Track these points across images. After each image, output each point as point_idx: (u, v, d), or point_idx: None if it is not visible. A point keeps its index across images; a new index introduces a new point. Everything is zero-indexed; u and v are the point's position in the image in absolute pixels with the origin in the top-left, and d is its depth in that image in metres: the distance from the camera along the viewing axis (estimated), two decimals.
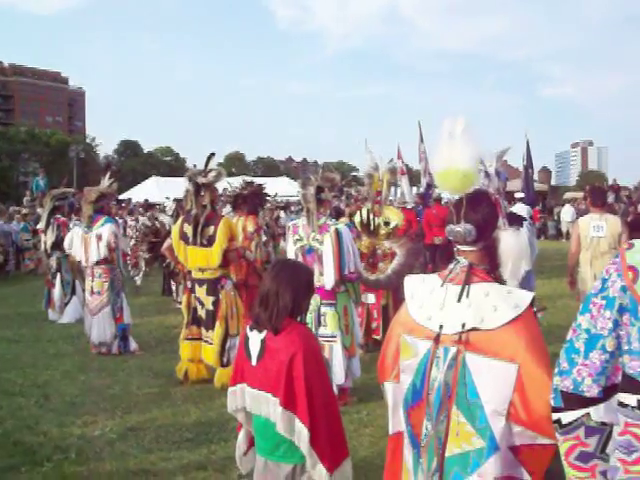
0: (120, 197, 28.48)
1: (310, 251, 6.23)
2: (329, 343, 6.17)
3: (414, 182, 17.55)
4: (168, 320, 10.59)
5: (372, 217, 7.56)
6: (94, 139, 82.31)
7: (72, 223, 11.55)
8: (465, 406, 2.27)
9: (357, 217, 8.16)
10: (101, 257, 8.48)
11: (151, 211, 16.86)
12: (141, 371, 7.64)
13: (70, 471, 4.93)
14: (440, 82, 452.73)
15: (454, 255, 2.54)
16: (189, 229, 6.90)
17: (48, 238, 11.06)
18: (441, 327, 2.36)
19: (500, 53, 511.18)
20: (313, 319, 6.17)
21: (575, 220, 10.18)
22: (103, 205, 8.80)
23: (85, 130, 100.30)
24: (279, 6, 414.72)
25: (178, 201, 13.81)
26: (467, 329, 2.29)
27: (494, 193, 2.54)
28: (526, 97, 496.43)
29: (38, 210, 17.33)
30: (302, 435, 2.93)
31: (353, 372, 6.33)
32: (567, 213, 27.83)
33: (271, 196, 11.10)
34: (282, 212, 21.70)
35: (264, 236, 8.98)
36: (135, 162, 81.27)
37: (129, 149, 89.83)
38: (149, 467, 4.97)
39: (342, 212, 11.16)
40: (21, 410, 6.31)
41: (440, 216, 13.80)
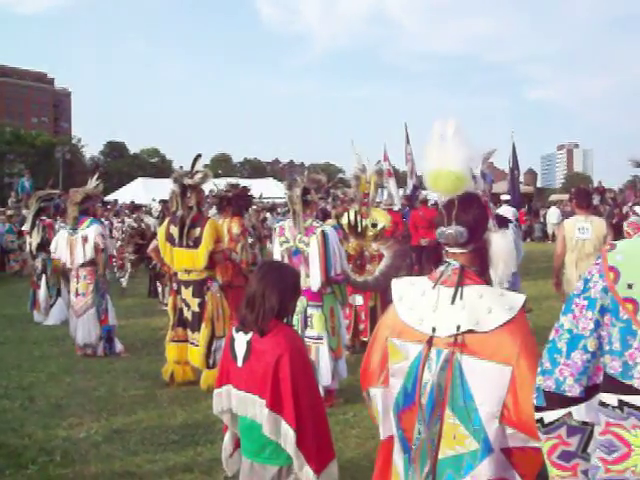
0: (106, 198, 28.42)
1: (296, 253, 6.23)
2: (315, 344, 6.17)
3: (400, 184, 17.58)
4: (154, 322, 10.56)
5: (359, 219, 7.58)
6: (80, 140, 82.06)
7: (57, 225, 11.52)
8: (458, 408, 2.26)
9: (344, 219, 8.17)
10: (87, 259, 8.44)
11: (137, 213, 16.81)
12: (127, 373, 7.61)
13: (55, 474, 4.90)
14: (426, 83, 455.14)
15: (442, 257, 2.52)
16: (175, 230, 6.89)
17: (33, 239, 11.00)
18: (434, 329, 2.34)
19: (486, 55, 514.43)
20: (300, 321, 6.17)
21: (561, 222, 10.24)
22: (88, 206, 8.75)
23: (71, 131, 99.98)
24: (264, 5, 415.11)
25: (164, 202, 13.80)
26: (462, 331, 2.28)
27: (483, 195, 2.53)
28: (512, 99, 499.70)
29: (23, 211, 17.26)
30: (288, 437, 2.93)
31: (339, 373, 6.34)
32: (553, 215, 27.99)
33: (256, 198, 11.07)
34: (268, 214, 21.65)
35: (250, 238, 8.98)
36: (121, 163, 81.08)
37: (115, 150, 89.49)
38: (135, 469, 4.95)
39: (329, 214, 11.16)
40: (5, 413, 6.27)
41: (426, 218, 13.83)
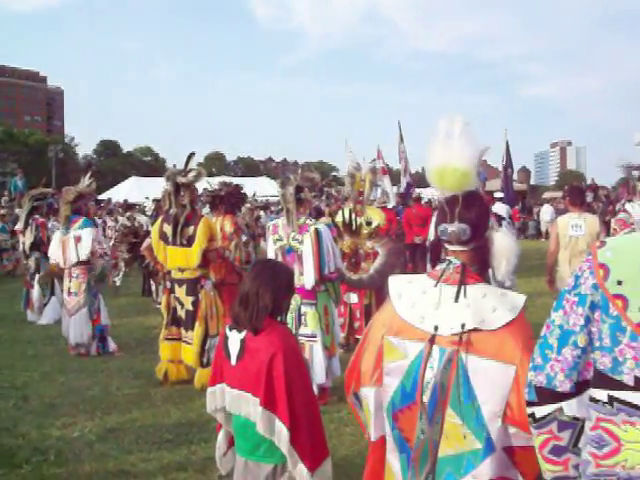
0: (99, 197, 28.35)
1: (290, 251, 6.23)
2: (309, 343, 6.18)
3: (393, 182, 17.61)
4: (148, 321, 10.55)
5: (354, 217, 7.58)
6: (73, 139, 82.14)
7: (50, 223, 11.49)
8: (460, 407, 2.25)
9: (339, 217, 8.17)
10: (80, 259, 8.43)
11: (130, 211, 16.79)
12: (121, 372, 7.60)
13: (49, 473, 4.89)
14: (419, 82, 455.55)
15: (440, 255, 2.51)
16: (168, 229, 6.88)
17: (27, 239, 10.97)
18: (436, 328, 2.32)
19: (479, 53, 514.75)
20: (293, 319, 6.18)
21: (554, 219, 10.26)
22: (81, 205, 8.72)
23: (64, 130, 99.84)
24: (258, 4, 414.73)
25: (157, 201, 13.79)
26: (467, 329, 2.26)
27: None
28: (505, 97, 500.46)
29: (16, 211, 17.19)
30: (282, 435, 2.94)
31: (333, 371, 6.35)
32: (546, 213, 28.08)
33: (250, 196, 11.08)
34: (262, 212, 21.65)
35: (244, 236, 8.98)
36: (114, 162, 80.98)
37: (108, 149, 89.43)
38: (129, 468, 4.95)
39: (322, 212, 11.17)
40: None
41: (420, 215, 13.87)
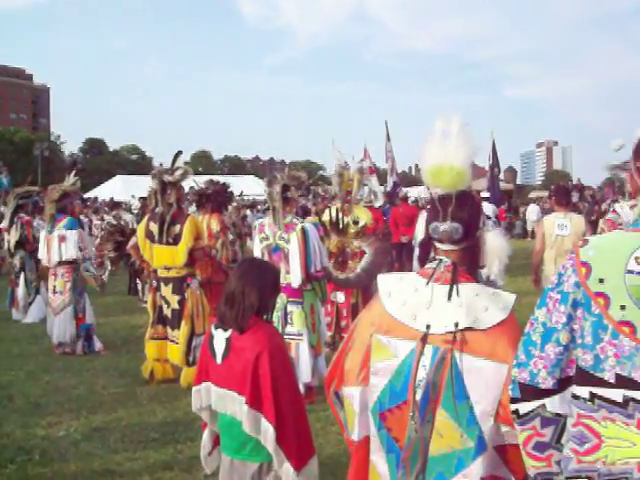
0: (86, 196, 28.22)
1: (276, 250, 6.24)
2: (295, 341, 6.19)
3: (380, 181, 17.63)
4: (134, 319, 10.51)
5: (341, 216, 7.59)
6: (59, 137, 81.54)
7: (36, 222, 11.41)
8: (452, 406, 2.24)
9: (326, 216, 8.18)
10: (63, 259, 8.39)
11: (116, 210, 16.71)
12: (106, 371, 7.57)
13: (34, 472, 4.87)
14: (407, 81, 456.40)
15: (429, 254, 2.50)
16: (155, 227, 6.87)
17: (12, 237, 10.88)
18: (428, 327, 2.31)
19: (466, 53, 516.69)
20: (280, 317, 6.18)
21: (540, 219, 10.32)
22: (66, 204, 8.66)
23: (50, 127, 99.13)
24: (245, 3, 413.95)
25: (144, 199, 13.73)
26: (461, 328, 2.25)
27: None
28: (491, 97, 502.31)
29: (1, 209, 16.97)
30: (268, 434, 2.94)
31: (319, 370, 6.34)
32: (532, 212, 28.17)
33: (235, 195, 11.06)
34: (248, 211, 21.66)
35: (231, 235, 8.97)
36: (101, 160, 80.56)
37: (95, 147, 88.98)
38: (114, 467, 4.94)
39: (309, 211, 11.18)
40: None
41: (407, 215, 13.89)
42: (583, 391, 1.91)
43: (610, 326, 1.87)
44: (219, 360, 3.08)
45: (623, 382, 1.85)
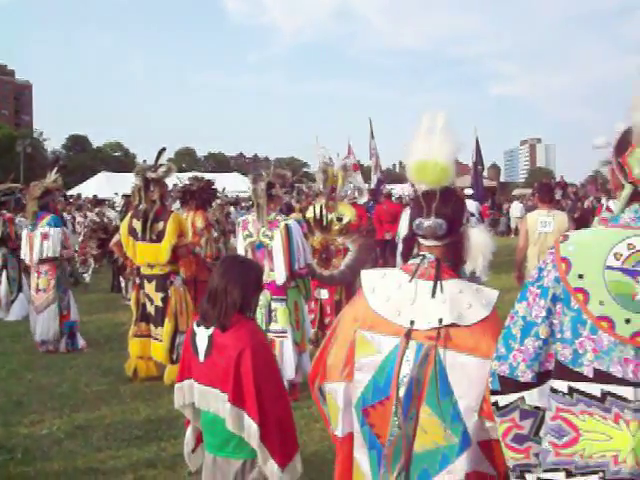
0: (69, 193, 28.04)
1: (260, 247, 6.23)
2: (280, 338, 6.19)
3: (364, 178, 17.66)
4: (117, 317, 10.48)
5: (325, 213, 7.59)
6: (42, 133, 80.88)
7: (18, 219, 11.33)
8: (436, 402, 2.25)
9: (310, 213, 8.18)
10: (45, 256, 8.33)
11: (99, 207, 16.63)
12: (89, 369, 7.54)
13: (16, 471, 4.84)
14: (391, 79, 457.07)
15: (412, 250, 2.51)
16: (138, 225, 6.84)
17: None
18: (412, 322, 2.31)
19: (450, 50, 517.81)
20: (264, 315, 6.18)
21: (524, 216, 10.38)
22: (48, 201, 8.61)
23: (32, 124, 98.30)
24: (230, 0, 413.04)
25: (127, 197, 13.66)
26: (445, 324, 2.26)
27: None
28: (476, 94, 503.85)
29: None
30: (252, 431, 2.93)
31: (304, 367, 6.34)
32: (516, 209, 28.34)
33: (220, 192, 11.03)
34: (232, 208, 21.59)
35: (215, 232, 8.95)
36: (84, 157, 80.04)
37: (78, 144, 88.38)
38: (98, 466, 4.92)
39: (293, 208, 11.16)
40: None
41: (390, 212, 13.93)
42: (562, 385, 1.93)
43: (589, 321, 1.88)
44: (202, 358, 3.07)
45: (601, 377, 1.87)
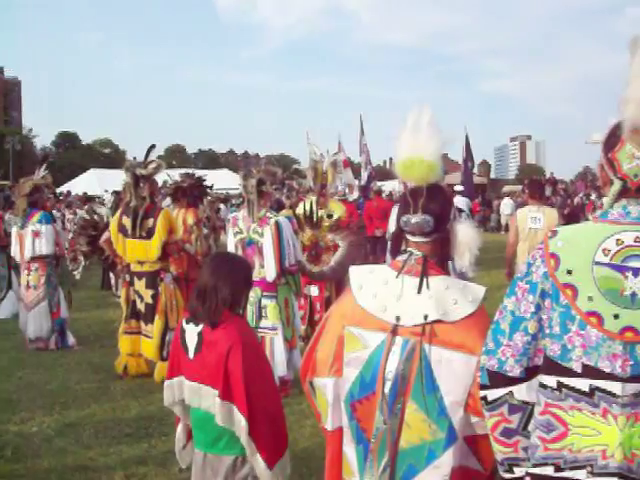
0: (58, 190, 27.94)
1: (250, 243, 6.22)
2: (270, 335, 6.19)
3: (354, 175, 17.68)
4: (107, 314, 10.45)
5: (315, 209, 7.59)
6: (31, 130, 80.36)
7: (7, 216, 11.28)
8: (422, 398, 2.26)
9: (300, 209, 8.17)
10: (37, 254, 8.30)
11: (89, 204, 16.55)
12: (80, 366, 7.53)
13: (6, 469, 4.82)
14: (381, 75, 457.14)
15: (401, 246, 2.51)
16: (128, 221, 6.82)
17: None
18: (398, 318, 2.33)
19: (441, 47, 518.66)
20: (254, 311, 6.18)
21: (514, 212, 10.40)
22: (37, 198, 8.57)
23: (21, 121, 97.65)
24: None
25: (117, 193, 13.63)
26: (430, 321, 2.27)
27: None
28: (466, 91, 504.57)
29: None
30: (241, 425, 2.93)
31: (294, 364, 6.34)
32: (506, 206, 28.42)
33: (211, 188, 11.00)
34: (222, 205, 21.56)
35: (205, 229, 8.92)
36: (74, 154, 79.67)
37: (67, 141, 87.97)
38: (88, 463, 4.90)
39: (283, 205, 11.15)
40: None
41: (380, 208, 13.94)
42: (551, 380, 1.95)
43: (577, 317, 1.90)
44: (191, 355, 3.06)
45: (589, 372, 1.88)
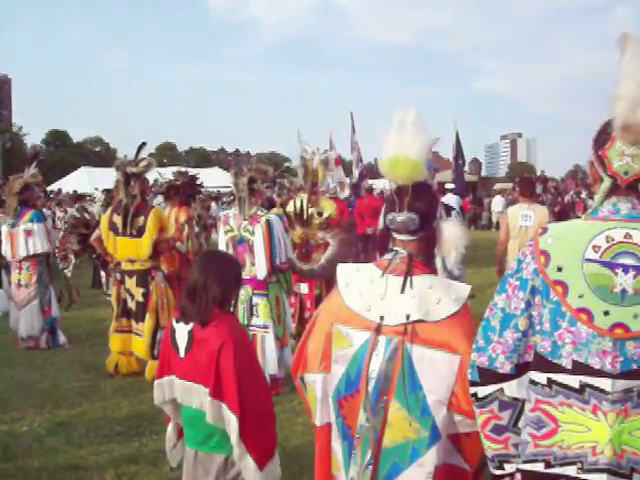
0: (49, 188, 27.84)
1: (241, 241, 6.21)
2: (261, 333, 6.19)
3: (345, 173, 17.65)
4: (98, 313, 10.41)
5: (305, 207, 7.58)
6: (21, 128, 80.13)
7: None
8: (404, 397, 2.27)
9: (290, 207, 8.17)
10: (29, 253, 8.27)
11: (80, 202, 16.49)
12: (70, 365, 7.50)
13: None
14: (372, 73, 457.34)
15: (388, 245, 2.52)
16: (118, 219, 6.80)
17: None
18: (382, 318, 2.34)
19: (432, 45, 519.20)
20: (245, 309, 6.18)
21: (505, 210, 10.43)
22: (28, 197, 8.53)
23: (11, 119, 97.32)
24: None
25: (108, 191, 13.56)
26: (412, 321, 2.28)
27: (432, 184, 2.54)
28: (457, 89, 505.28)
29: None
30: (231, 423, 2.92)
31: (285, 361, 6.35)
32: (498, 204, 28.46)
33: (202, 186, 10.98)
34: (213, 203, 21.55)
35: (196, 227, 8.90)
36: (64, 152, 79.37)
37: (58, 139, 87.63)
38: (79, 462, 4.89)
39: (274, 202, 11.13)
40: None
41: (372, 206, 13.94)
42: (541, 377, 1.95)
43: (568, 313, 1.90)
44: (182, 353, 3.05)
45: (580, 368, 1.89)
